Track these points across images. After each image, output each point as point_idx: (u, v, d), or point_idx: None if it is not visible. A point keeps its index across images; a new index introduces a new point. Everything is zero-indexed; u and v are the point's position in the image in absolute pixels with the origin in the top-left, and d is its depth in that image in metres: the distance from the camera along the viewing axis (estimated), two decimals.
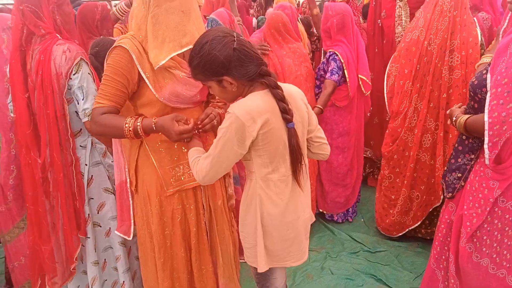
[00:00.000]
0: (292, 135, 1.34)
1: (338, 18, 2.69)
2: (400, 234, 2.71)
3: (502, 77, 1.39)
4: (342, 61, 2.66)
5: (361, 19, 3.83)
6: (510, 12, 1.96)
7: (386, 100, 2.63)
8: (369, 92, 2.90)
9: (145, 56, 1.47)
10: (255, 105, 1.29)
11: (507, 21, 1.99)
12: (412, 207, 2.58)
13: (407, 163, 2.54)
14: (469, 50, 2.25)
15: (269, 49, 2.61)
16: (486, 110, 1.42)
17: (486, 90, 1.46)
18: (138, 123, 1.44)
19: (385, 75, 2.63)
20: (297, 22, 3.05)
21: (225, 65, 1.27)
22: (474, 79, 1.59)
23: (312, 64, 3.41)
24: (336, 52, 2.68)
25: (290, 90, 1.42)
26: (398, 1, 3.06)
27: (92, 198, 1.92)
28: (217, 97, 1.69)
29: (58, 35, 1.75)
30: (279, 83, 1.35)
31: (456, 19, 2.26)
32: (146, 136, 1.49)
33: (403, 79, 2.49)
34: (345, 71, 2.68)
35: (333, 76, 2.64)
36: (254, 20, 4.75)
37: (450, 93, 2.32)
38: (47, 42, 1.70)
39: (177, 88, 1.51)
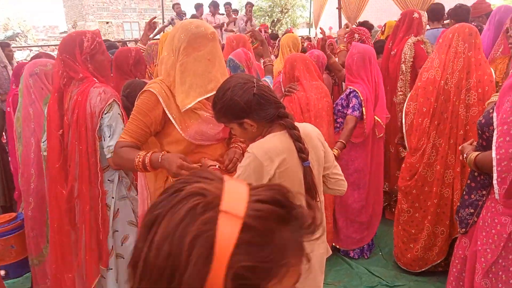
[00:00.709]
0: (307, 173, 1.42)
1: (358, 56, 2.84)
2: (423, 269, 2.69)
3: (508, 115, 1.45)
4: (362, 98, 2.78)
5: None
6: None
7: (405, 137, 2.70)
8: (382, 134, 2.97)
9: (173, 99, 1.61)
10: (273, 145, 1.39)
11: None
12: (437, 243, 2.57)
13: (427, 199, 2.56)
14: (485, 88, 2.32)
15: (298, 88, 2.78)
16: (493, 147, 1.47)
17: (493, 128, 1.52)
18: (147, 156, 1.54)
19: (403, 113, 2.71)
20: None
21: (245, 109, 1.38)
22: (482, 118, 1.65)
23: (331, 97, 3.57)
24: (356, 89, 2.81)
25: (307, 129, 1.52)
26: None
27: (117, 231, 2.02)
28: None
29: (96, 79, 1.94)
30: (296, 123, 1.45)
31: (471, 60, 2.35)
32: (153, 170, 1.57)
33: (422, 117, 2.54)
34: (363, 108, 2.79)
35: (355, 112, 2.75)
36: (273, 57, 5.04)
37: (467, 129, 2.38)
38: (85, 85, 1.88)
39: (202, 127, 1.63)
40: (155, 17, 3.47)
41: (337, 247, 3.06)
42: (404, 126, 2.69)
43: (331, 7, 10.28)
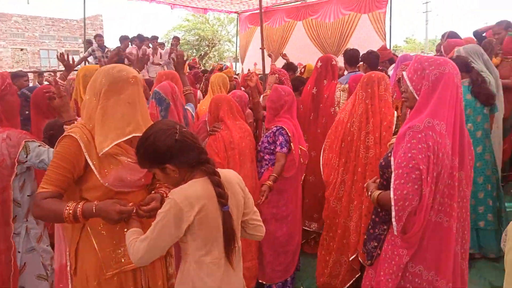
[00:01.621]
0: (226, 218, 1.47)
1: (290, 98, 3.04)
2: None
3: (402, 160, 1.67)
4: (290, 134, 2.94)
5: None
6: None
7: (322, 170, 2.92)
8: (306, 161, 3.18)
9: (93, 144, 1.59)
10: (193, 191, 1.43)
11: None
12: (341, 271, 2.77)
13: (336, 229, 2.77)
14: (383, 133, 2.63)
15: (222, 128, 2.87)
16: (391, 188, 1.68)
17: (391, 170, 1.73)
18: (79, 207, 1.50)
19: (322, 149, 2.96)
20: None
21: (167, 155, 1.42)
22: (382, 160, 1.88)
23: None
24: (283, 126, 2.96)
25: (228, 175, 1.58)
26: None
27: (23, 287, 1.86)
28: None
29: None
30: (218, 169, 1.51)
31: (368, 106, 2.66)
32: (85, 221, 1.55)
33: (332, 153, 2.83)
34: (291, 144, 2.96)
35: (283, 149, 2.90)
36: (199, 93, 5.15)
37: (366, 168, 2.65)
38: None
39: (121, 174, 1.61)
40: (65, 53, 3.30)
41: (262, 282, 3.11)
42: (321, 160, 2.93)
43: (258, 44, 10.83)
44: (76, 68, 5.58)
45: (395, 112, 2.73)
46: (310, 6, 9.62)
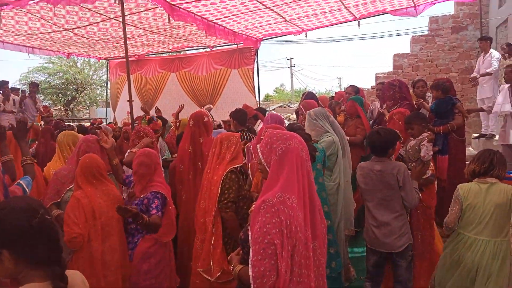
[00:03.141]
0: None
1: (158, 161, 2.99)
2: None
3: (258, 235, 1.67)
4: (168, 199, 2.92)
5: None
6: None
7: None
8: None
9: None
10: None
11: None
12: None
13: None
14: (211, 187, 2.88)
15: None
16: (250, 265, 1.66)
17: (250, 245, 1.72)
18: None
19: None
20: None
21: (9, 238, 1.15)
22: (242, 233, 1.86)
23: None
24: (160, 191, 2.87)
25: (75, 279, 1.33)
26: None
27: None
28: None
29: None
30: (68, 270, 1.27)
31: (212, 163, 2.97)
32: None
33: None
34: (169, 207, 2.95)
35: (159, 212, 2.79)
36: None
37: None
38: None
39: None
40: None
41: None
42: None
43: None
44: None
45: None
46: (183, 59, 9.82)
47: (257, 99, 9.14)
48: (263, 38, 8.46)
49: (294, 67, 36.32)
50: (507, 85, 5.22)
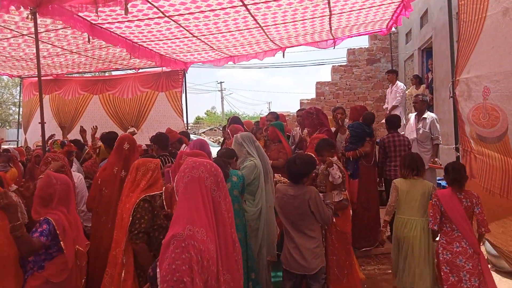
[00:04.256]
0: None
1: (63, 187, 2.67)
2: None
3: (166, 273, 1.59)
4: (58, 231, 2.51)
5: None
6: None
7: None
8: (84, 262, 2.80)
9: None
10: None
11: None
12: None
13: None
14: (123, 215, 2.75)
15: None
16: None
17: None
18: None
19: None
20: None
21: None
22: (150, 269, 1.77)
23: None
24: (49, 218, 2.53)
25: None
26: None
27: None
28: None
29: None
30: None
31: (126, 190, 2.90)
32: None
33: None
34: (61, 242, 2.54)
35: (42, 237, 2.45)
36: None
37: None
38: None
39: None
40: None
41: None
42: None
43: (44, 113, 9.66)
44: None
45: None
46: (107, 81, 9.42)
47: (185, 122, 9.03)
48: (191, 64, 8.46)
49: (224, 90, 36.86)
50: (415, 113, 5.78)
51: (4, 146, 11.98)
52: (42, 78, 9.77)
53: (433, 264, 3.45)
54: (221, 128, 24.88)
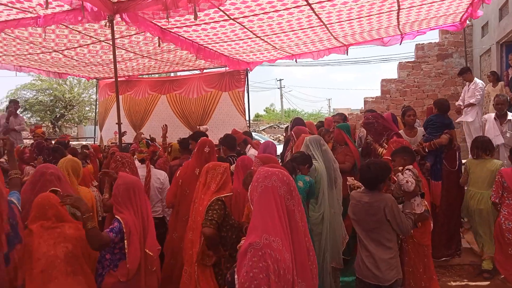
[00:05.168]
0: None
1: (123, 187, 2.74)
2: None
3: (244, 280, 1.62)
4: (124, 230, 2.59)
5: None
6: None
7: None
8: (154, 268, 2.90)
9: None
10: None
11: None
12: None
13: None
14: (197, 218, 2.88)
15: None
16: None
17: None
18: None
19: None
20: None
21: None
22: (229, 275, 1.81)
23: None
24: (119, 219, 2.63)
25: None
26: None
27: None
28: None
29: None
30: None
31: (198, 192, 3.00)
32: None
33: None
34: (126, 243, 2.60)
35: (111, 233, 2.55)
36: None
37: None
38: None
39: None
40: None
41: None
42: None
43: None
44: None
45: None
46: (174, 81, 9.83)
47: (247, 121, 9.15)
48: (256, 64, 8.55)
49: (283, 88, 36.80)
50: (493, 115, 5.31)
51: (83, 143, 13.08)
52: (112, 80, 10.48)
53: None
54: (280, 126, 24.89)
